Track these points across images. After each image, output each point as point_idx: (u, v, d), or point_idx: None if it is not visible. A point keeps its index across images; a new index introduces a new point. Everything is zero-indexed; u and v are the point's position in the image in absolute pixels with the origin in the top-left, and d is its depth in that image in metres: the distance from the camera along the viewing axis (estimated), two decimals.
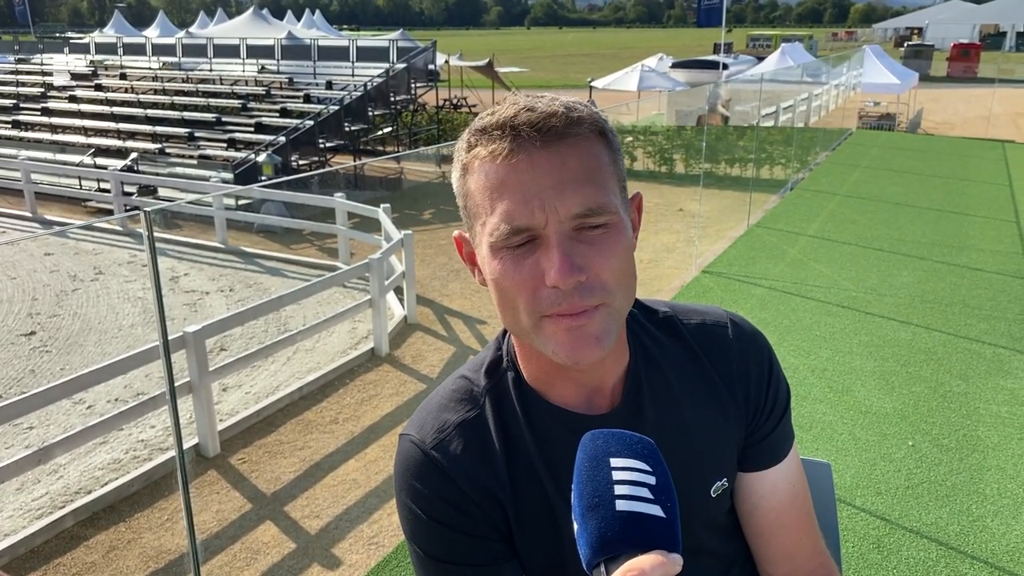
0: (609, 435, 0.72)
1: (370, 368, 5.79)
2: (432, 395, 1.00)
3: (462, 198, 0.88)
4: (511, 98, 0.86)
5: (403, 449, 0.96)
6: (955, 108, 24.18)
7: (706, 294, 6.58)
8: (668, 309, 1.04)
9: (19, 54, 20.67)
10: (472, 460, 0.93)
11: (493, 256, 0.84)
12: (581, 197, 0.80)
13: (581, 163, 0.81)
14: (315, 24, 29.37)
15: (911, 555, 3.29)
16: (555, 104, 0.83)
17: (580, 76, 32.31)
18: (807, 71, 19.62)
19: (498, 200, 0.81)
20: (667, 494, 0.68)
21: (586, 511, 0.67)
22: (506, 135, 0.81)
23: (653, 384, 0.97)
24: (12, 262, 9.01)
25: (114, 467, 4.55)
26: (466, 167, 0.86)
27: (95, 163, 13.08)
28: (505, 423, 0.95)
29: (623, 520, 0.65)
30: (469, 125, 0.88)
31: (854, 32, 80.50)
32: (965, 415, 4.46)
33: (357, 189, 12.67)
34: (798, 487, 1.05)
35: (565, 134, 0.81)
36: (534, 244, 0.81)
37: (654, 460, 0.70)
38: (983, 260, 7.50)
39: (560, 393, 0.94)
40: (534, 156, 0.80)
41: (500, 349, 1.00)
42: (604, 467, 0.69)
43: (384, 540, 3.73)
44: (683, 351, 1.01)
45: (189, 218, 10.76)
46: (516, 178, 0.80)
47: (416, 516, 0.93)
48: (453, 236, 0.95)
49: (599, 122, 0.85)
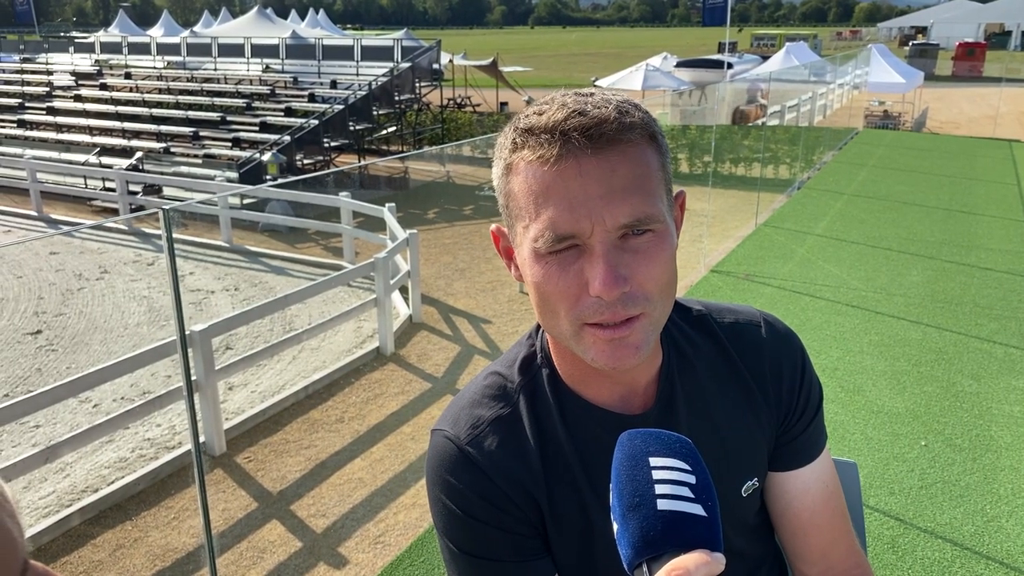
0: (648, 434, 0.71)
1: (375, 367, 5.77)
2: (464, 391, 0.99)
3: (503, 196, 0.86)
4: (559, 98, 0.82)
5: (436, 444, 0.95)
6: (960, 107, 24.09)
7: (714, 293, 6.55)
8: (702, 308, 1.03)
9: (24, 53, 20.70)
10: (507, 456, 0.92)
11: (536, 261, 0.82)
12: (629, 207, 0.78)
13: (631, 170, 0.79)
14: (319, 23, 29.38)
15: (926, 555, 3.25)
16: (607, 108, 0.79)
17: (584, 75, 32.28)
18: (812, 70, 19.56)
19: (543, 206, 0.79)
20: (708, 493, 0.67)
21: (627, 511, 0.66)
22: (555, 140, 0.78)
23: (686, 383, 0.96)
24: (18, 261, 9.01)
25: (120, 466, 4.54)
26: (509, 167, 0.83)
27: (100, 162, 13.09)
28: (539, 420, 0.94)
29: (665, 519, 0.65)
30: (512, 121, 0.85)
31: (859, 31, 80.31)
32: (977, 415, 4.43)
33: (362, 188, 12.67)
34: (831, 486, 1.04)
35: (616, 140, 0.78)
36: (578, 251, 0.79)
37: (693, 459, 0.70)
38: (993, 259, 7.46)
39: (595, 391, 0.94)
40: (583, 163, 0.77)
41: (533, 345, 0.99)
42: (644, 467, 0.68)
43: (390, 539, 3.71)
44: (716, 350, 1.00)
45: (194, 217, 10.76)
46: (563, 185, 0.78)
47: (450, 511, 0.92)
48: (491, 229, 0.93)
49: (650, 125, 0.82)
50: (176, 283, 2.64)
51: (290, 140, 12.48)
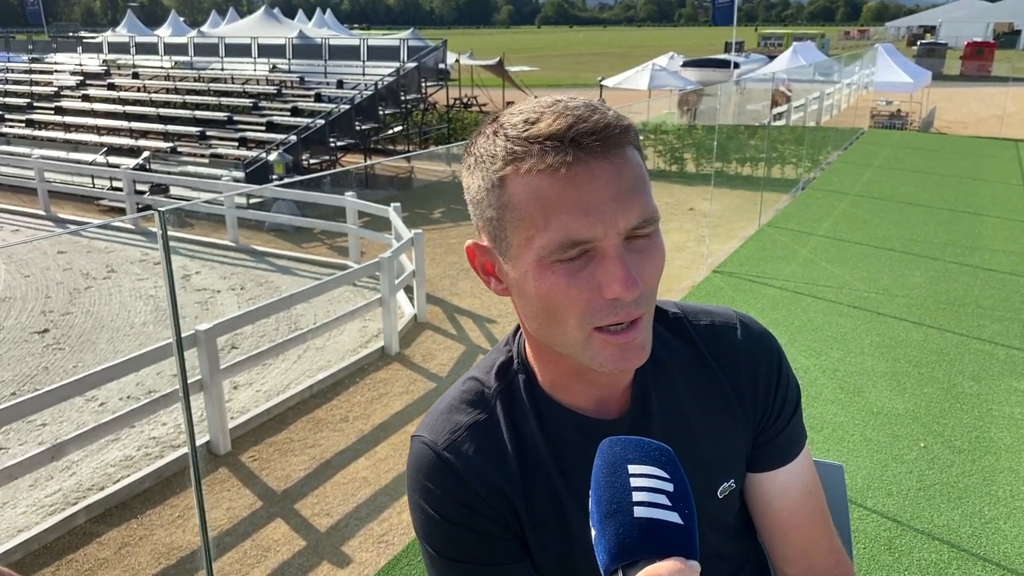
0: (628, 442, 0.72)
1: (380, 367, 5.80)
2: (442, 397, 1.00)
3: (496, 210, 0.83)
4: (544, 104, 0.82)
5: (415, 450, 0.96)
6: (969, 107, 23.99)
7: (717, 294, 6.56)
8: (677, 310, 1.04)
9: (33, 53, 20.82)
10: (484, 461, 0.93)
11: (542, 271, 0.81)
12: (638, 208, 0.79)
13: (633, 172, 0.81)
14: (326, 23, 29.41)
15: (923, 557, 3.27)
16: (605, 113, 0.80)
17: (591, 75, 32.23)
18: (819, 70, 19.51)
19: (554, 214, 0.78)
20: (685, 501, 0.68)
21: (604, 517, 0.68)
22: (566, 147, 0.78)
23: (660, 386, 0.97)
24: (26, 260, 9.08)
25: (126, 464, 4.58)
26: (504, 179, 0.81)
27: (108, 162, 13.17)
28: (516, 425, 0.95)
29: (641, 527, 0.66)
30: (488, 131, 0.84)
31: (866, 31, 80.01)
32: (978, 416, 4.43)
33: (368, 188, 12.71)
34: (811, 486, 1.04)
35: (620, 143, 0.80)
36: (587, 257, 0.80)
37: (672, 467, 0.71)
38: (997, 260, 7.45)
39: (572, 397, 0.94)
40: (592, 168, 0.78)
41: (511, 351, 1.00)
42: (622, 474, 0.69)
43: (394, 538, 3.74)
44: (691, 352, 1.00)
45: (201, 217, 10.82)
46: (575, 191, 0.78)
47: (429, 516, 0.93)
48: (466, 246, 0.91)
49: (634, 128, 0.85)
50: (172, 284, 2.67)
51: (296, 140, 12.53)
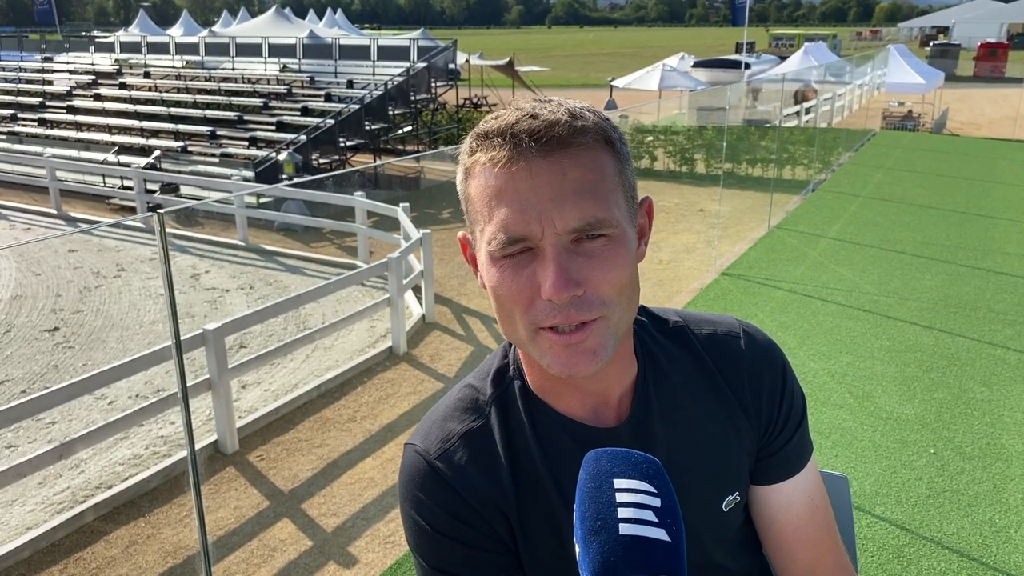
0: (613, 454, 0.70)
1: (388, 367, 5.81)
2: (438, 404, 0.99)
3: (464, 202, 0.86)
4: (517, 102, 0.84)
5: (407, 459, 0.94)
6: (981, 108, 23.83)
7: (725, 296, 6.53)
8: (679, 318, 1.02)
9: (45, 53, 20.96)
10: (476, 471, 0.91)
11: (491, 264, 0.82)
12: (579, 211, 0.78)
13: (583, 174, 0.79)
14: (336, 23, 29.50)
15: (932, 566, 3.24)
16: (559, 112, 0.80)
17: (601, 75, 32.19)
18: (830, 71, 19.41)
19: (496, 208, 0.80)
20: (672, 517, 0.66)
21: (588, 535, 0.65)
22: (506, 142, 0.79)
23: (662, 396, 0.95)
24: (37, 259, 9.14)
25: (134, 463, 4.60)
26: (468, 171, 0.84)
27: (119, 161, 13.23)
28: (511, 433, 0.93)
29: (626, 545, 0.63)
30: (475, 127, 0.87)
31: (879, 31, 79.56)
32: (989, 423, 4.39)
33: (377, 188, 12.73)
34: (817, 500, 1.02)
35: (567, 143, 0.79)
36: (532, 254, 0.80)
37: (659, 481, 0.68)
38: (1009, 264, 7.39)
39: (566, 403, 0.93)
40: (533, 165, 0.78)
41: (507, 357, 0.98)
42: (607, 488, 0.67)
43: (400, 539, 3.74)
44: (693, 362, 0.98)
45: (210, 216, 10.86)
46: (514, 187, 0.78)
47: (419, 527, 0.91)
48: (458, 237, 0.92)
49: (605, 130, 0.83)
50: (171, 286, 2.67)
51: (306, 139, 12.56)
